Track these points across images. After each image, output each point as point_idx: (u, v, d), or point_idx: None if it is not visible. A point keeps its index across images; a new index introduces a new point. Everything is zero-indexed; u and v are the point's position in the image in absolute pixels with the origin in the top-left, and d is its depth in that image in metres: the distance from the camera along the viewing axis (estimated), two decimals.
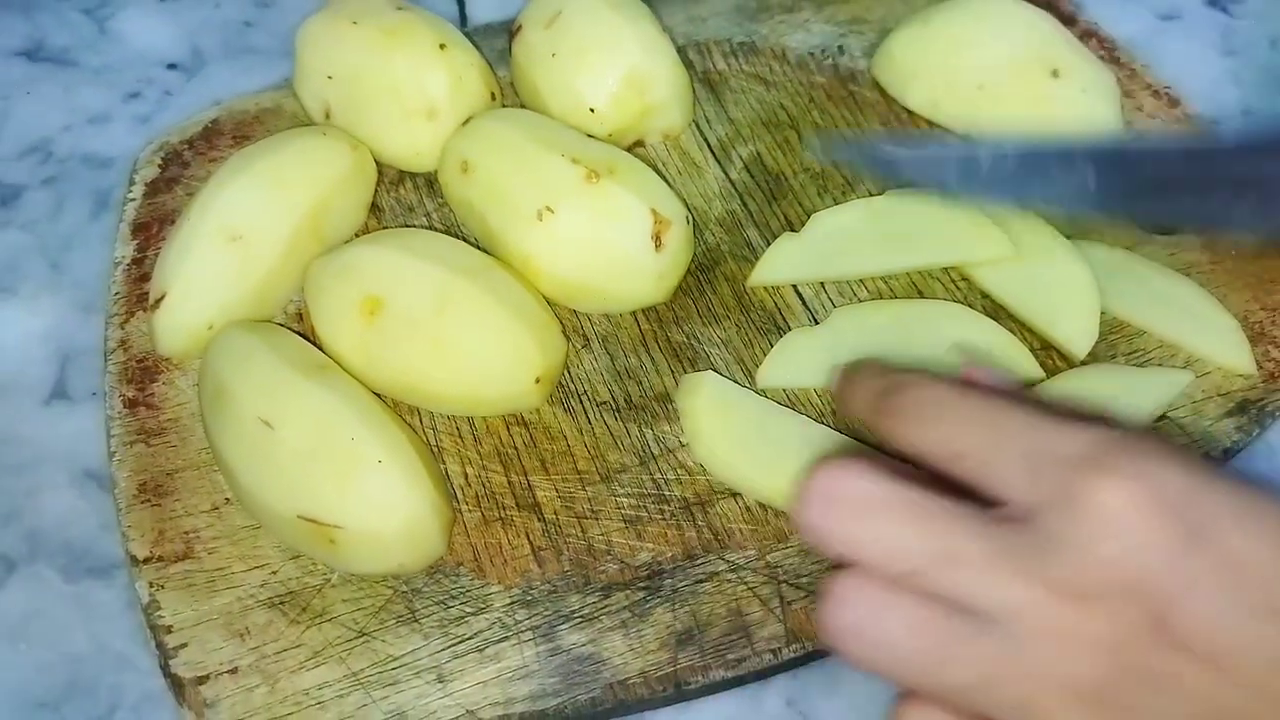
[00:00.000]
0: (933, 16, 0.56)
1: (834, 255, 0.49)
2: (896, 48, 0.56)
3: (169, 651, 0.39)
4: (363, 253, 0.45)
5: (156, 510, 0.42)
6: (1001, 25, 0.55)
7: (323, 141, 0.49)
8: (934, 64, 0.55)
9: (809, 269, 0.49)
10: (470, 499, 0.43)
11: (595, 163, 0.47)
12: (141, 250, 0.50)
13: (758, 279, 0.49)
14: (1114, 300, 0.48)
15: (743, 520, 0.42)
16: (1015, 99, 0.53)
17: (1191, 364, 0.47)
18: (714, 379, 0.45)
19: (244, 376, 0.41)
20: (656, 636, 0.40)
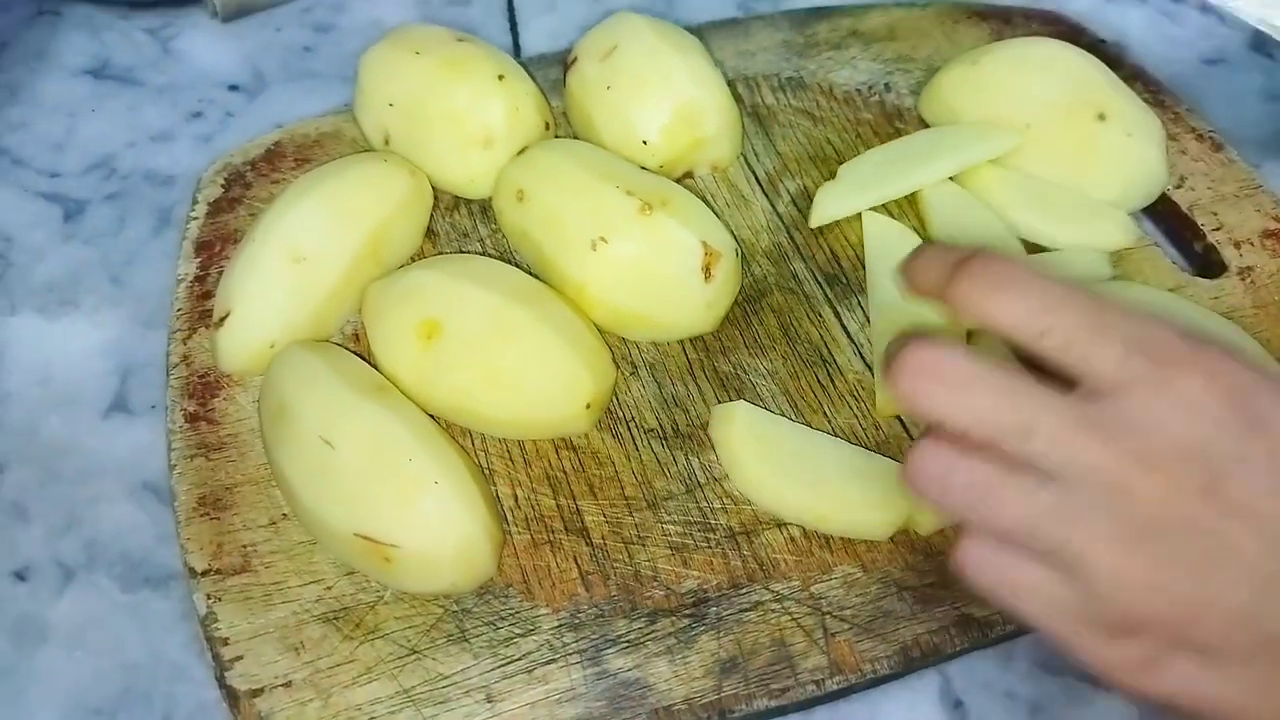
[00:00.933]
0: (981, 57, 0.57)
1: (872, 185, 0.54)
2: (945, 87, 0.57)
3: (225, 663, 0.40)
4: (421, 277, 0.46)
5: (215, 524, 0.43)
6: (1049, 67, 0.55)
7: (384, 168, 0.51)
8: (982, 104, 0.56)
9: (856, 201, 0.54)
10: (520, 521, 0.44)
11: (648, 194, 0.48)
12: (204, 268, 0.51)
13: (818, 219, 0.54)
14: None
15: (787, 550, 0.43)
16: (1062, 141, 0.54)
17: None
18: (745, 409, 0.46)
19: (306, 396, 0.42)
20: (701, 664, 0.40)
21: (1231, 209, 0.55)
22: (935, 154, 0.55)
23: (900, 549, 0.43)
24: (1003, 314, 0.30)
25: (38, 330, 0.53)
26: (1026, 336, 0.30)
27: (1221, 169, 0.57)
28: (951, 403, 0.30)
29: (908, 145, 0.56)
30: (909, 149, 0.56)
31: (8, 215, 0.58)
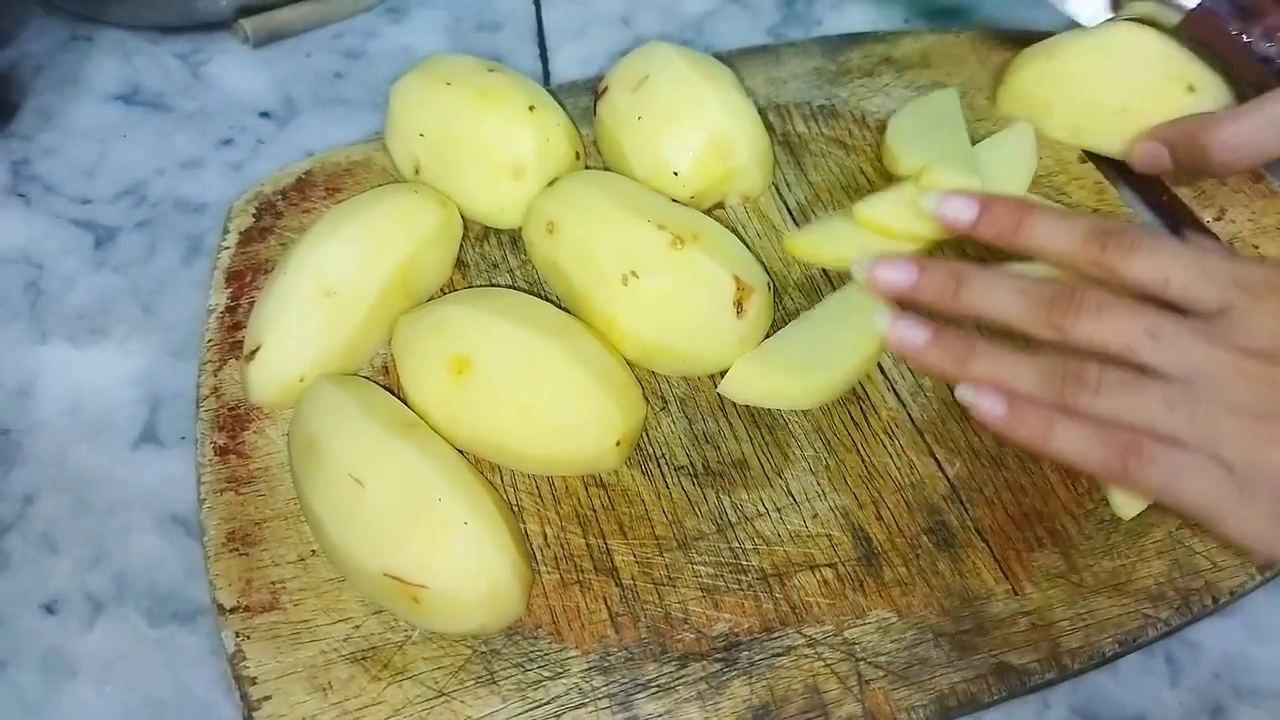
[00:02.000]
0: (1055, 51, 0.58)
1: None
2: (1026, 83, 0.58)
3: (253, 704, 0.39)
4: (451, 312, 0.46)
5: (244, 560, 0.43)
6: (1130, 50, 0.56)
7: (414, 199, 0.50)
8: (1071, 93, 0.57)
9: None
10: (549, 560, 0.43)
11: (680, 228, 0.47)
12: (235, 299, 0.51)
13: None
14: None
15: (820, 593, 0.42)
16: (1157, 116, 0.54)
17: None
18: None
19: (336, 432, 0.42)
20: (733, 710, 0.40)
21: (1273, 242, 0.54)
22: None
23: (936, 594, 0.42)
24: (1139, 270, 0.38)
25: (68, 359, 0.53)
26: (1154, 286, 0.38)
27: (1262, 200, 0.56)
28: (1097, 323, 0.38)
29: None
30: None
31: (40, 242, 0.58)
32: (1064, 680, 0.42)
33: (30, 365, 0.53)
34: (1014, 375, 0.39)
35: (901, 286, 0.42)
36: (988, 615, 0.42)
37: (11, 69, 0.66)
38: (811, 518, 0.44)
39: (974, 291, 0.40)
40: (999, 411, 0.39)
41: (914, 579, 0.43)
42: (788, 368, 0.48)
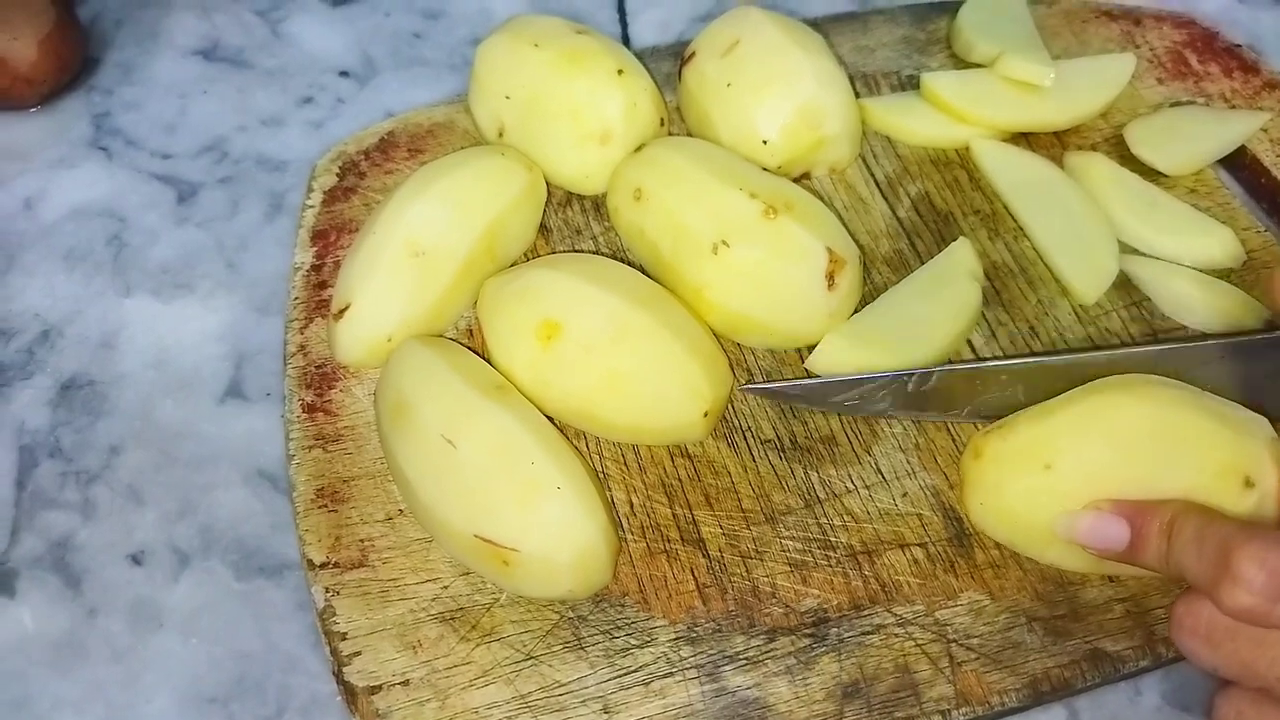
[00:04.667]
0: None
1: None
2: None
3: (343, 659, 0.40)
4: (541, 276, 0.45)
5: (333, 516, 0.43)
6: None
7: (501, 162, 0.50)
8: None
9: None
10: (635, 529, 0.43)
11: (773, 198, 0.47)
12: (320, 258, 0.51)
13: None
14: None
15: (910, 573, 0.42)
16: None
17: None
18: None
19: (426, 393, 0.42)
20: (822, 686, 0.39)
21: None
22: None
23: (1029, 577, 0.41)
24: None
25: (152, 313, 0.53)
26: None
27: None
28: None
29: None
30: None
31: (122, 196, 0.58)
32: (1157, 668, 0.41)
33: (114, 318, 0.53)
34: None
35: (1116, 548, 0.38)
36: (1082, 601, 0.41)
37: (92, 22, 0.67)
38: (901, 496, 0.44)
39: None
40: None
41: (1006, 562, 0.42)
42: (878, 343, 0.47)
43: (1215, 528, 0.35)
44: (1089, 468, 0.39)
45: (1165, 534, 0.36)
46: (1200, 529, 0.35)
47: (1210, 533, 0.34)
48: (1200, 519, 0.35)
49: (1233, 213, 0.53)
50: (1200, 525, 0.35)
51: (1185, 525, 0.36)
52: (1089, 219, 0.51)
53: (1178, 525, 0.36)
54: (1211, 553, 0.34)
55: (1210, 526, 0.35)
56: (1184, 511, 0.36)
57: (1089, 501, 0.39)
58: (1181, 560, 0.35)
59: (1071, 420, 0.40)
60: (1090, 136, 0.56)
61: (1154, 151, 0.54)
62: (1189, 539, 0.35)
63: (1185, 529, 0.35)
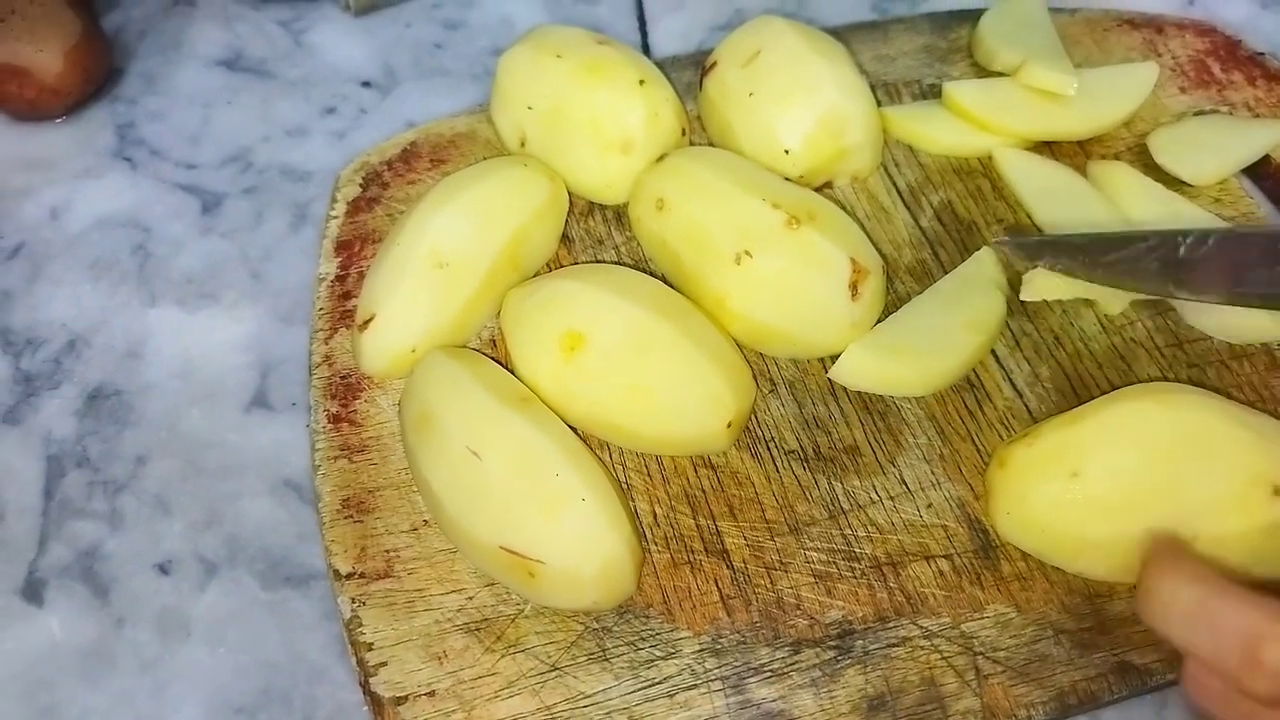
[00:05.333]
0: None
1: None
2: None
3: (369, 669, 0.40)
4: (564, 287, 0.46)
5: (359, 527, 0.43)
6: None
7: (524, 173, 0.50)
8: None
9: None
10: (659, 540, 0.43)
11: (795, 208, 0.47)
12: (344, 268, 0.52)
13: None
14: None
15: (936, 585, 0.42)
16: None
17: None
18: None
19: (451, 404, 0.42)
20: (848, 699, 0.39)
21: None
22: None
23: (1056, 589, 0.41)
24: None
25: (178, 323, 0.53)
26: None
27: None
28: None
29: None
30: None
31: (147, 206, 0.59)
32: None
33: (140, 328, 0.53)
34: None
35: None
36: (1109, 613, 0.41)
37: (116, 33, 0.67)
38: (926, 507, 0.44)
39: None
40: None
41: (1033, 574, 0.42)
42: (901, 353, 0.47)
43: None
44: (1116, 475, 0.39)
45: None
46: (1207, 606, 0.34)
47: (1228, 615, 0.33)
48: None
49: (1257, 222, 0.53)
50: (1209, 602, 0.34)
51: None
52: (1112, 228, 0.51)
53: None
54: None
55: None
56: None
57: (1118, 510, 0.39)
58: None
59: (1098, 427, 0.40)
60: (1113, 145, 0.56)
61: (1177, 161, 0.54)
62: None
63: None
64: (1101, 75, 0.57)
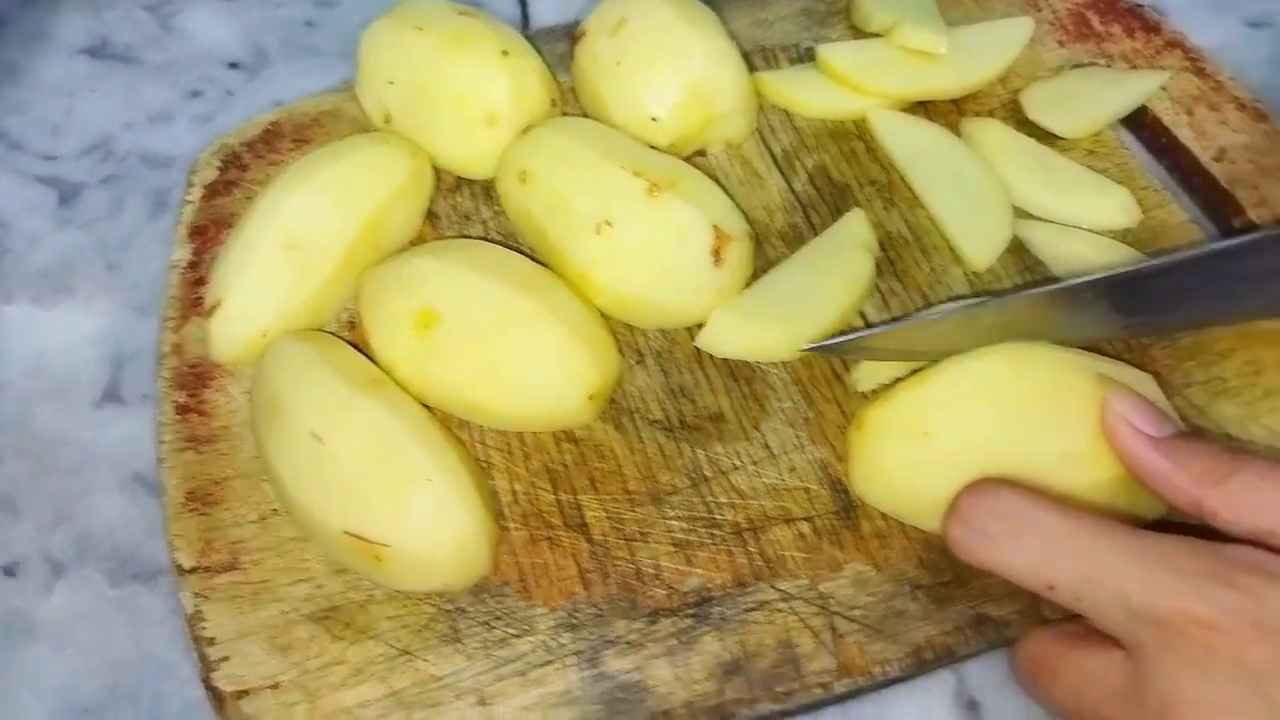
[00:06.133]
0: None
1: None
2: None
3: (211, 664, 0.39)
4: (419, 264, 0.44)
5: (204, 519, 0.42)
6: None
7: (384, 150, 0.49)
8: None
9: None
10: (517, 517, 0.42)
11: (657, 175, 0.46)
12: (198, 254, 0.50)
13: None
14: None
15: (796, 547, 0.41)
16: None
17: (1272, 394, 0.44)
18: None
19: (298, 389, 0.41)
20: (703, 666, 0.38)
21: (1275, 183, 0.52)
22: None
23: (915, 545, 0.41)
24: (1009, 567, 0.36)
25: (31, 319, 0.52)
26: (1036, 590, 0.36)
27: (1265, 140, 0.53)
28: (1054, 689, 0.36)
29: None
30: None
31: (4, 201, 0.56)
32: None
33: None
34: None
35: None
36: (966, 566, 0.40)
37: None
38: (789, 471, 0.43)
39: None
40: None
41: (892, 532, 0.41)
42: (766, 318, 0.46)
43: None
44: (967, 433, 0.39)
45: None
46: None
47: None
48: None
49: (1131, 173, 0.53)
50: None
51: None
52: (983, 185, 0.51)
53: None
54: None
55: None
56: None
57: (970, 469, 0.39)
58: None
59: (948, 386, 0.39)
60: (988, 103, 0.56)
61: (1049, 114, 0.54)
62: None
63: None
64: (976, 32, 0.57)
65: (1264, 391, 0.45)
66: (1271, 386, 0.45)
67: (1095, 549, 0.33)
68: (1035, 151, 0.52)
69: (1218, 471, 0.34)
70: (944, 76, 0.55)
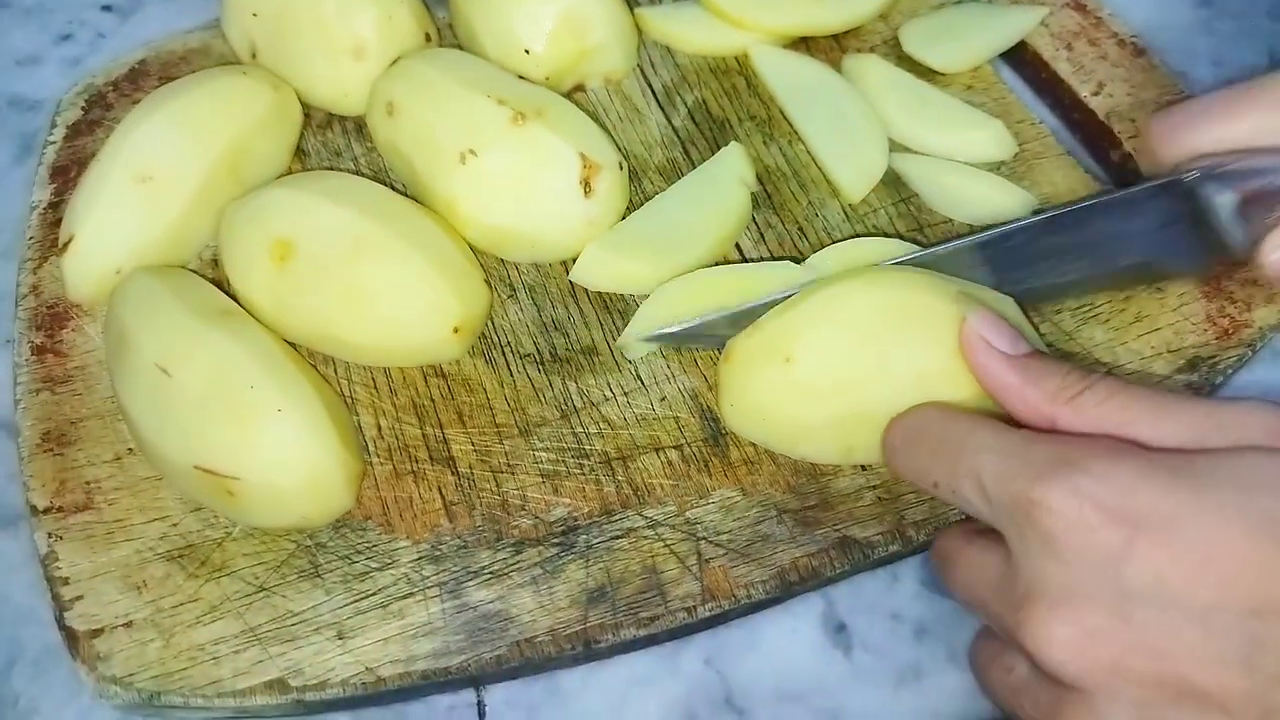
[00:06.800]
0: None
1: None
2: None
3: (64, 604, 0.38)
4: (275, 196, 0.43)
5: (59, 460, 0.41)
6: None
7: (242, 81, 0.47)
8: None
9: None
10: (382, 452, 0.41)
11: (523, 104, 0.45)
12: (59, 194, 0.48)
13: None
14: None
15: (664, 475, 0.41)
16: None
17: (1140, 319, 0.45)
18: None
19: (144, 322, 0.40)
20: (568, 594, 0.38)
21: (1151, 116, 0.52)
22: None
23: (783, 470, 0.41)
24: (906, 473, 0.38)
25: None
26: (927, 491, 0.37)
27: (1143, 75, 0.54)
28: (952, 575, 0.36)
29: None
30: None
31: None
32: (912, 554, 0.41)
33: None
34: None
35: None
36: (833, 490, 0.41)
37: None
38: (660, 400, 0.43)
39: None
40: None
41: (760, 458, 0.41)
42: (640, 251, 0.46)
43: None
44: (826, 356, 0.39)
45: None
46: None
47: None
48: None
49: (1008, 106, 0.53)
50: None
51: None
52: (859, 119, 0.51)
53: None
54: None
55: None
56: None
57: (832, 392, 0.39)
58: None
59: (807, 312, 0.39)
60: (869, 39, 0.55)
61: (927, 49, 0.54)
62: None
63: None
64: None
65: (1133, 317, 0.45)
66: (1140, 312, 0.45)
67: (963, 445, 0.34)
68: (912, 86, 0.52)
69: (1070, 389, 0.35)
70: (825, 12, 0.55)
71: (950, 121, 0.51)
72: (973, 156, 0.50)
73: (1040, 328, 0.44)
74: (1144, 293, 0.46)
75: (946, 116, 0.51)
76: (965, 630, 0.40)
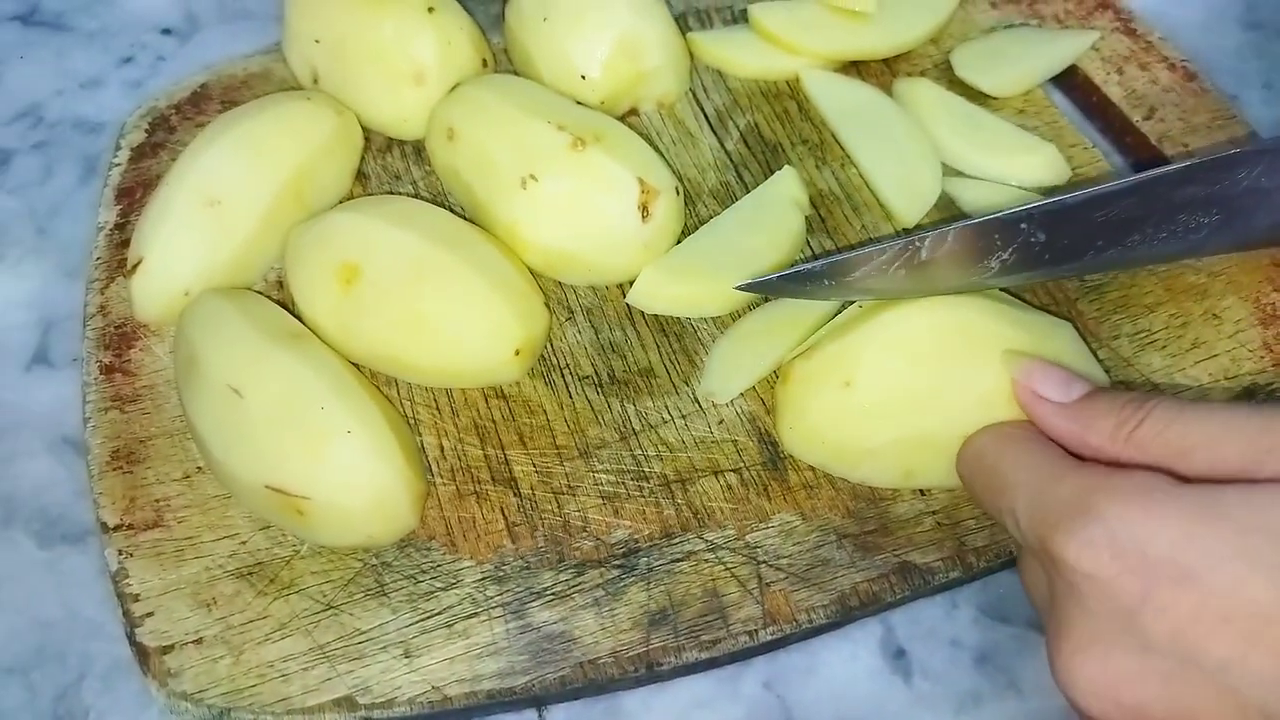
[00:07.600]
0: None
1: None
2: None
3: (135, 620, 0.38)
4: (340, 220, 0.44)
5: (128, 477, 0.42)
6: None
7: (306, 107, 0.48)
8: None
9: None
10: (445, 472, 0.42)
11: (582, 129, 0.46)
12: (124, 215, 0.49)
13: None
14: None
15: (724, 499, 0.41)
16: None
17: (1198, 346, 0.45)
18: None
19: (215, 343, 0.41)
20: (629, 616, 0.39)
21: (1204, 140, 0.53)
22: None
23: (842, 495, 0.41)
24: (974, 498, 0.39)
25: None
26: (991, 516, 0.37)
27: (1194, 99, 0.54)
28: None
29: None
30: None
31: None
32: (972, 580, 0.41)
33: None
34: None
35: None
36: (893, 516, 0.41)
37: None
38: (718, 424, 0.43)
39: None
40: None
41: (819, 482, 0.42)
42: (696, 274, 0.46)
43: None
44: (886, 380, 0.39)
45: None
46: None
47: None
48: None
49: (1060, 130, 0.53)
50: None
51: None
52: (912, 143, 0.51)
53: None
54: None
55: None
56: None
57: (891, 416, 0.39)
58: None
59: (866, 336, 0.40)
60: (920, 63, 0.56)
61: (979, 73, 0.54)
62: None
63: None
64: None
65: (1190, 343, 0.45)
66: (1197, 339, 0.45)
67: (1004, 482, 0.35)
68: (964, 110, 0.53)
69: (1127, 425, 0.34)
70: (875, 36, 0.55)
71: (1003, 145, 0.51)
72: (1026, 180, 0.51)
73: (1099, 354, 0.44)
74: (1200, 319, 0.46)
75: (999, 140, 0.51)
76: (1025, 658, 0.40)
